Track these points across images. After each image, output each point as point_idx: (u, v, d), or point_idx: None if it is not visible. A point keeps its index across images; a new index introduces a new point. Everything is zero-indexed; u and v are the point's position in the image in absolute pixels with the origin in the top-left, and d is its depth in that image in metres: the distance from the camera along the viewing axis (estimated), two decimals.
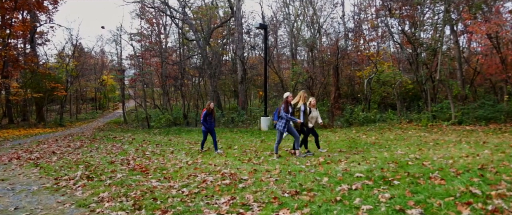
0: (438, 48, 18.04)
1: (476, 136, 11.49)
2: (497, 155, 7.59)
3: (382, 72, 21.72)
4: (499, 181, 5.19)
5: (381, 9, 21.63)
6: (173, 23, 30.04)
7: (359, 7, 27.52)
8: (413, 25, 20.48)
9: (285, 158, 8.34)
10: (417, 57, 18.91)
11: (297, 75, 21.89)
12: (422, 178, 5.51)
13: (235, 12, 24.05)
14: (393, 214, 4.01)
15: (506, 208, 4.01)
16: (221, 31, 30.19)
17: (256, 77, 29.22)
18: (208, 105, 10.33)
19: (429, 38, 20.36)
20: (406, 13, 20.16)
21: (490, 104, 17.16)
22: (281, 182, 5.69)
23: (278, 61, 28.80)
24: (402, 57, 22.87)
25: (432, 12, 20.33)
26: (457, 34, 19.76)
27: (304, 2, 27.83)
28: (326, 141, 11.65)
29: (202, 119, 10.32)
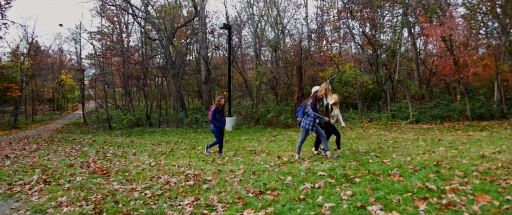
0: (397, 50, 18.70)
1: (432, 134, 11.99)
2: (451, 151, 7.96)
3: (344, 73, 22.23)
4: (453, 176, 5.45)
5: (343, 11, 22.14)
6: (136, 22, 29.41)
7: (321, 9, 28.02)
8: (373, 27, 21.09)
9: (249, 157, 8.37)
10: (377, 58, 19.51)
11: (261, 75, 22.01)
12: (382, 175, 5.70)
13: (199, 12, 23.86)
14: (354, 211, 4.12)
15: (458, 202, 4.23)
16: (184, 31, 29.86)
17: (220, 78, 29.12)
18: (219, 100, 8.96)
19: (388, 40, 21.04)
20: (367, 16, 20.74)
21: (444, 103, 17.99)
22: (246, 182, 5.71)
23: (242, 61, 28.84)
24: (363, 58, 23.52)
25: (391, 15, 21.03)
26: (414, 37, 20.54)
27: (268, 3, 28.04)
28: (290, 140, 11.79)
29: (211, 117, 8.91)
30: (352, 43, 24.48)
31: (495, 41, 19.02)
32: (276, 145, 10.66)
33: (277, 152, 9.07)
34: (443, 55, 19.70)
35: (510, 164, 6.25)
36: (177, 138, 14.54)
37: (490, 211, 3.95)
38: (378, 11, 20.75)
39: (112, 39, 31.96)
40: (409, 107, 17.41)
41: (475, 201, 4.27)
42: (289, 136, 13.34)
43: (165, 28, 25.96)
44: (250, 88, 23.90)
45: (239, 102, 20.64)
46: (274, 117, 17.98)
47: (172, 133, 17.03)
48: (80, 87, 34.39)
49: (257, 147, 10.31)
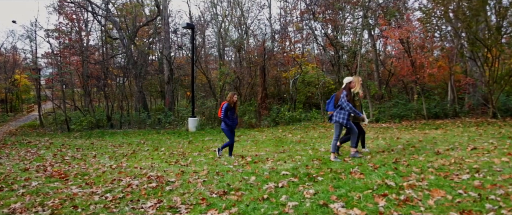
0: (358, 51, 19.21)
1: (391, 133, 12.40)
2: (409, 149, 8.27)
3: (306, 73, 22.57)
4: (410, 173, 5.67)
5: (306, 13, 22.46)
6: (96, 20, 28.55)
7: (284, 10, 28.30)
8: (335, 29, 21.55)
9: (213, 158, 8.33)
10: (339, 59, 19.96)
11: (225, 75, 21.97)
12: (344, 173, 5.84)
13: (162, 11, 23.49)
14: (317, 209, 4.20)
15: (415, 197, 4.40)
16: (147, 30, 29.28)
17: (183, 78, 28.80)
18: (231, 97, 8.18)
19: (350, 42, 21.57)
20: (329, 17, 21.16)
21: (402, 103, 18.67)
22: (209, 183, 5.69)
23: (205, 61, 28.64)
24: (325, 59, 23.97)
25: (352, 17, 21.58)
26: (374, 38, 21.18)
27: (232, 3, 28.01)
28: (254, 140, 11.84)
29: (222, 115, 8.12)
30: (315, 44, 24.91)
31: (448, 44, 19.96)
32: (240, 145, 10.68)
33: (241, 152, 9.09)
34: (401, 57, 20.42)
35: (462, 160, 6.57)
36: (139, 139, 14.25)
37: (444, 205, 4.15)
38: (339, 13, 21.23)
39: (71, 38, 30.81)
40: (370, 107, 17.94)
41: (431, 196, 4.47)
42: (253, 136, 13.40)
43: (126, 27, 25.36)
44: (214, 89, 23.80)
45: (203, 103, 20.51)
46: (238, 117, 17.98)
47: (134, 134, 16.67)
48: (36, 88, 32.89)
49: None
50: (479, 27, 16.18)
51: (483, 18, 15.75)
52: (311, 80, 22.69)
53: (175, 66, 26.32)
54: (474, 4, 15.17)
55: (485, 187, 4.78)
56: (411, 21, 18.20)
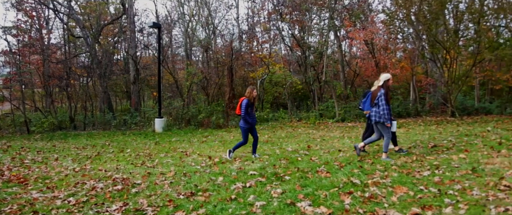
0: (324, 52, 19.54)
1: (356, 132, 12.68)
2: (373, 147, 8.50)
3: (274, 74, 22.73)
4: (375, 170, 5.83)
5: (273, 13, 22.62)
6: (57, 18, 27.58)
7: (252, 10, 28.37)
8: (302, 30, 21.82)
9: (179, 159, 8.24)
10: (306, 59, 20.22)
11: (192, 75, 21.78)
12: (311, 172, 5.93)
13: (127, 10, 23.00)
14: (284, 208, 4.24)
15: (379, 194, 4.53)
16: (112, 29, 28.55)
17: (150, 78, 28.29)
18: (251, 92, 7.55)
19: (316, 42, 21.90)
20: (296, 18, 21.41)
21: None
22: (176, 184, 5.63)
23: (172, 61, 28.24)
24: (292, 59, 24.21)
25: (318, 19, 21.92)
26: (340, 39, 21.60)
27: (199, 3, 27.80)
28: (222, 141, 11.81)
29: (243, 111, 7.48)
30: (282, 44, 25.12)
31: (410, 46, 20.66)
32: (208, 146, 10.62)
33: (208, 153, 9.04)
34: (365, 58, 20.96)
35: (423, 157, 6.82)
36: (104, 140, 13.88)
37: (407, 201, 4.30)
38: (306, 15, 21.52)
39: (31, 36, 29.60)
40: (336, 106, 18.29)
41: (394, 192, 4.61)
42: (221, 136, 13.36)
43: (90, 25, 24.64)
44: (181, 89, 23.53)
45: (170, 103, 20.26)
46: (205, 117, 17.88)
47: (99, 136, 16.22)
48: None
49: (188, 148, 10.19)
50: (438, 30, 16.84)
51: (442, 21, 16.41)
52: (278, 80, 22.87)
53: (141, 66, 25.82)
54: (433, 8, 15.77)
55: (444, 183, 4.99)
56: (375, 23, 18.74)
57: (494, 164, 6.01)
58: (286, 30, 22.68)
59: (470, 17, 16.08)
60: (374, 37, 17.46)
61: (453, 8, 16.55)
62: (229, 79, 21.69)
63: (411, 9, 16.69)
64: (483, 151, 7.25)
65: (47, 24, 31.70)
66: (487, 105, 18.74)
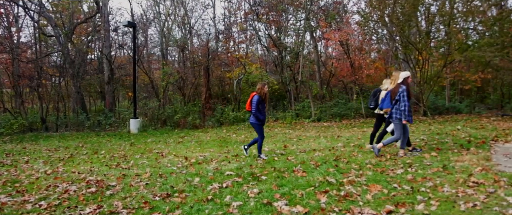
0: (300, 52, 19.70)
1: (332, 131, 12.85)
2: (349, 147, 8.62)
3: (250, 74, 22.75)
4: (350, 169, 5.92)
5: (250, 14, 22.64)
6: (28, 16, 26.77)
7: (229, 10, 28.31)
8: (279, 30, 21.93)
9: (155, 160, 8.15)
10: (282, 60, 20.34)
11: (168, 75, 21.57)
12: (287, 171, 5.97)
13: (101, 8, 22.56)
14: (261, 207, 4.26)
15: (354, 192, 4.61)
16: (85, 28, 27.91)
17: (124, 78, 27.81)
18: (262, 88, 7.29)
19: (292, 43, 22.05)
20: (272, 19, 21.49)
21: (343, 103, 19.43)
22: (152, 186, 5.56)
23: (148, 61, 27.87)
24: (269, 60, 24.29)
25: (295, 19, 22.07)
26: (316, 40, 21.83)
27: (175, 2, 27.52)
28: (198, 141, 11.74)
29: (254, 108, 7.22)
30: (259, 45, 25.18)
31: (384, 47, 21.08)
32: (184, 146, 10.54)
33: (184, 153, 8.97)
34: (341, 58, 21.24)
35: (396, 155, 6.97)
36: (78, 142, 13.56)
37: (381, 198, 4.38)
38: (283, 15, 21.63)
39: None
40: (312, 106, 18.47)
41: (369, 190, 4.70)
42: (197, 136, 13.28)
43: (63, 23, 24.03)
44: (157, 89, 23.26)
45: (145, 104, 19.97)
46: (181, 117, 17.73)
47: (72, 137, 15.84)
48: None
49: (164, 149, 10.08)
50: (411, 32, 17.26)
51: (414, 23, 16.83)
52: (255, 80, 22.89)
53: (115, 66, 25.36)
54: (406, 10, 16.14)
55: (417, 180, 5.12)
56: (350, 24, 19.02)
57: (464, 161, 6.21)
58: (262, 31, 22.76)
59: (441, 19, 16.55)
60: (349, 38, 17.73)
61: (425, 10, 17.00)
62: (205, 79, 21.58)
63: (385, 11, 17.04)
64: (453, 149, 7.47)
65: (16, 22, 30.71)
66: (457, 105, 19.33)
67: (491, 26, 15.91)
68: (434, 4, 16.78)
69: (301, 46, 19.98)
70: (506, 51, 15.69)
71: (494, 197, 4.32)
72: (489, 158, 6.44)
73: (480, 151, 7.15)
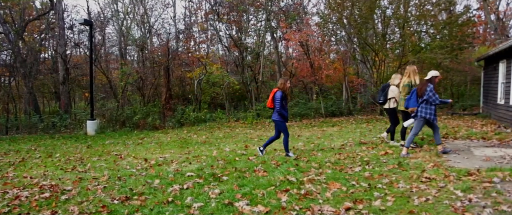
0: (261, 53, 19.82)
1: (293, 131, 13.00)
2: (309, 146, 8.77)
3: (211, 74, 22.65)
4: (310, 168, 6.02)
5: (210, 14, 22.53)
6: None
7: (189, 10, 28.02)
8: (239, 31, 21.96)
9: (114, 162, 7.93)
10: (243, 60, 20.39)
11: (127, 75, 21.06)
12: (248, 171, 5.99)
13: (56, 5, 21.66)
14: (222, 208, 4.25)
15: (314, 190, 4.69)
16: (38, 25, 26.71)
17: (81, 78, 26.87)
18: (285, 83, 7.07)
19: (253, 43, 22.16)
20: (233, 19, 21.49)
21: (303, 102, 19.74)
22: (110, 189, 5.40)
23: (106, 60, 27.07)
24: (230, 60, 24.28)
25: (255, 20, 22.19)
26: (276, 41, 22.04)
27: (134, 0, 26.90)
28: (158, 142, 11.54)
29: (278, 105, 6.97)
30: (219, 45, 25.10)
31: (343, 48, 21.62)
32: (144, 148, 10.33)
33: (144, 155, 8.79)
34: (301, 59, 21.57)
35: (355, 153, 7.17)
36: (30, 145, 12.93)
37: (340, 196, 4.50)
38: (243, 15, 21.69)
39: None
40: None
41: (328, 188, 4.80)
42: (157, 137, 13.05)
43: (13, 20, 22.88)
44: (115, 89, 22.65)
45: (103, 104, 19.37)
46: (141, 118, 17.37)
47: (24, 140, 15.08)
48: None
49: (123, 151, 9.83)
50: (368, 34, 17.82)
51: (371, 25, 17.39)
52: (216, 80, 22.81)
53: (71, 66, 24.46)
54: (363, 12, 16.65)
55: (374, 177, 5.29)
56: (310, 26, 19.35)
57: (417, 158, 6.49)
58: (223, 31, 22.72)
59: (396, 22, 17.22)
60: (309, 39, 18.04)
61: (381, 13, 17.61)
62: (165, 79, 21.27)
63: (343, 13, 17.49)
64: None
65: None
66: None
67: (441, 30, 16.74)
68: (390, 7, 17.43)
69: (261, 47, 20.11)
70: (455, 54, 16.58)
71: (444, 191, 4.55)
72: (440, 155, 6.75)
73: (432, 148, 7.49)
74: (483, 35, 24.74)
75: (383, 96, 8.04)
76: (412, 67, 7.74)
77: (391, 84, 8.01)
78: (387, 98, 7.98)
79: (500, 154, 6.69)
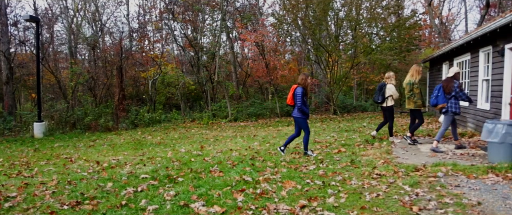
0: (216, 53, 19.75)
1: (248, 131, 13.08)
2: (264, 145, 8.86)
3: (166, 74, 22.29)
4: (265, 167, 6.08)
5: (165, 12, 22.14)
6: None
7: (143, 8, 27.39)
8: (195, 30, 21.76)
9: (63, 166, 7.60)
10: (198, 60, 20.21)
11: (77, 75, 20.26)
12: (204, 172, 5.95)
13: None
14: (178, 210, 4.20)
15: (270, 190, 4.75)
16: None
17: (27, 77, 25.47)
18: (306, 79, 6.89)
19: (209, 43, 22.03)
20: (189, 18, 21.25)
21: (258, 102, 19.90)
22: (60, 194, 5.17)
23: (54, 59, 25.84)
24: (185, 60, 24.00)
25: (211, 19, 22.07)
26: (232, 41, 22.03)
27: None
28: (111, 144, 11.19)
29: (300, 101, 6.77)
30: (174, 44, 24.72)
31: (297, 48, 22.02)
32: (96, 150, 9.98)
33: (96, 158, 8.49)
34: (256, 59, 21.72)
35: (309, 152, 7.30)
36: None
37: (295, 194, 4.58)
38: (199, 15, 21.51)
39: None
40: (228, 106, 18.62)
41: (283, 187, 4.88)
42: (110, 139, 12.66)
43: None
44: (65, 90, 21.71)
45: (52, 105, 18.49)
46: (92, 120, 16.76)
47: None
48: None
49: (73, 154, 9.44)
50: (322, 35, 18.25)
51: (324, 27, 17.83)
52: (171, 81, 22.48)
53: (16, 64, 23.15)
54: (317, 14, 17.04)
55: (328, 175, 5.44)
56: (265, 26, 19.53)
57: (369, 155, 6.74)
58: (178, 30, 22.40)
59: (348, 24, 17.76)
60: (264, 40, 18.21)
61: (334, 15, 18.11)
62: (118, 79, 20.68)
63: (298, 14, 17.80)
64: (360, 144, 8.06)
65: None
66: (363, 103, 20.92)
67: (390, 32, 17.48)
68: (342, 10, 17.96)
69: (217, 47, 20.04)
70: (403, 55, 17.40)
71: (394, 186, 4.76)
72: (390, 152, 7.06)
73: (382, 145, 7.81)
74: (429, 38, 26.09)
75: (381, 96, 8.30)
76: (417, 67, 7.99)
77: (388, 83, 8.29)
78: (385, 97, 8.27)
79: (444, 150, 7.09)
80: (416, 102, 7.81)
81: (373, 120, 14.43)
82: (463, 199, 4.18)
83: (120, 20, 40.22)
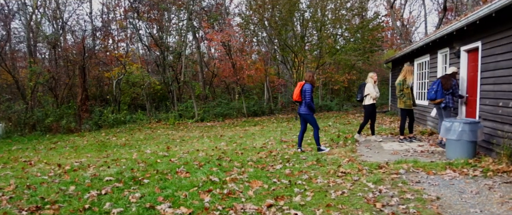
0: (183, 52, 19.56)
1: (215, 131, 13.04)
2: (231, 145, 8.86)
3: (131, 74, 21.84)
4: (232, 167, 6.09)
5: (130, 11, 21.69)
6: None
7: (107, 6, 26.70)
8: (161, 29, 21.45)
9: (22, 170, 7.30)
10: (164, 60, 19.94)
11: (37, 75, 19.48)
12: (170, 173, 5.89)
13: None
14: (143, 212, 4.13)
15: (237, 190, 4.77)
16: None
17: None
18: (313, 76, 7.09)
19: (175, 43, 21.77)
20: (154, 17, 20.92)
21: (225, 102, 19.87)
22: (18, 199, 4.96)
23: (12, 58, 24.76)
24: (150, 59, 23.62)
25: (177, 19, 21.82)
26: (198, 41, 21.88)
27: None
28: (73, 146, 10.86)
29: (309, 97, 6.95)
30: (139, 43, 24.26)
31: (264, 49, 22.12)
32: (57, 153, 9.65)
33: (57, 160, 8.20)
34: (223, 59, 21.66)
35: (276, 152, 7.38)
36: None
37: (262, 194, 4.61)
38: (165, 14, 21.22)
39: None
40: (195, 107, 18.48)
41: (250, 187, 4.90)
42: (72, 141, 12.28)
43: None
44: (23, 90, 20.82)
45: (9, 107, 17.70)
46: (53, 121, 16.19)
47: None
48: None
49: (32, 157, 9.08)
50: (288, 35, 18.45)
51: (290, 27, 18.03)
52: (136, 81, 22.04)
53: None
54: (283, 14, 17.21)
55: (294, 174, 5.51)
56: (232, 26, 19.53)
57: (334, 154, 6.88)
58: (143, 29, 21.99)
59: (313, 25, 18.04)
60: (231, 39, 18.20)
61: (300, 16, 18.35)
62: (81, 79, 20.09)
63: (264, 15, 17.90)
64: (325, 143, 8.20)
65: None
66: (328, 103, 21.31)
67: (354, 33, 17.91)
68: (308, 11, 18.21)
69: (183, 47, 19.85)
70: (367, 56, 17.86)
71: (358, 184, 4.89)
72: (354, 150, 7.24)
73: (347, 144, 7.99)
74: (391, 39, 26.94)
75: (360, 94, 8.59)
76: (409, 67, 8.25)
77: (367, 83, 8.50)
78: (363, 96, 8.50)
79: (405, 148, 7.36)
80: (405, 102, 8.08)
81: (338, 119, 14.72)
82: (423, 194, 4.36)
83: (83, 18, 39.01)
